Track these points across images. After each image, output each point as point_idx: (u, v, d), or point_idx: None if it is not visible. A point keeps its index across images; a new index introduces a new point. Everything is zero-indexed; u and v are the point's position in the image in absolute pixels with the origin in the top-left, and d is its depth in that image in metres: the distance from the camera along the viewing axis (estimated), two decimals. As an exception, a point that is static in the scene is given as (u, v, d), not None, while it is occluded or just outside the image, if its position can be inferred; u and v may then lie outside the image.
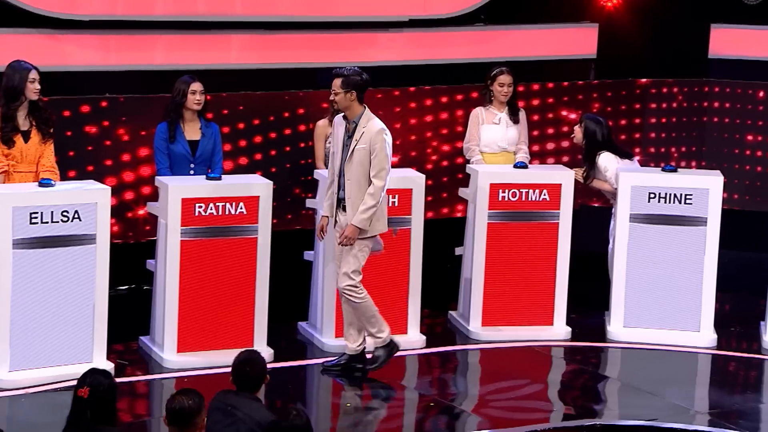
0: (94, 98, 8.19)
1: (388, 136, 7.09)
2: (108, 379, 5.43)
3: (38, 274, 6.99)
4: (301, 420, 5.34)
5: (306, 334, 8.06)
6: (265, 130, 8.73)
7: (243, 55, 8.76)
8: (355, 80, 7.03)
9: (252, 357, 5.75)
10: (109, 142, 8.27)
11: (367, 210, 7.01)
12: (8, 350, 6.97)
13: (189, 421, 5.16)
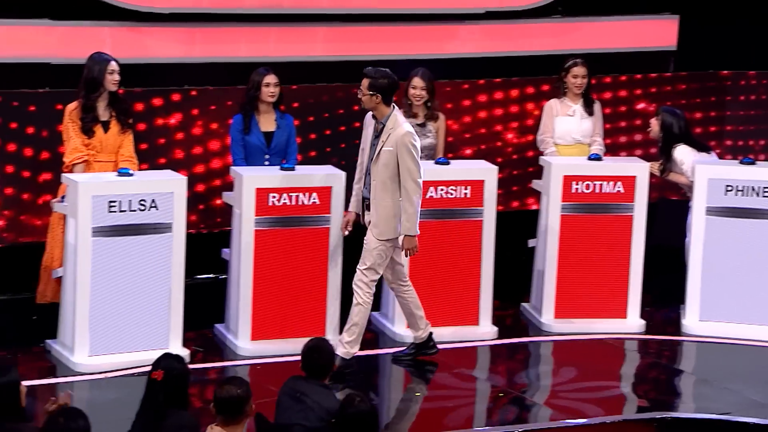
0: (171, 90, 8.30)
1: (414, 138, 7.03)
2: (181, 363, 5.54)
3: (116, 262, 7.14)
4: (366, 406, 5.40)
5: (378, 324, 8.11)
6: (336, 123, 8.79)
7: (319, 47, 8.82)
8: (381, 84, 7.01)
9: (320, 345, 5.82)
10: (194, 132, 8.39)
11: (411, 216, 7.03)
12: (88, 335, 7.13)
13: (239, 409, 5.23)
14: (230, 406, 5.22)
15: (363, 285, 7.10)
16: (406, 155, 6.98)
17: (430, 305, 7.87)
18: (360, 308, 7.11)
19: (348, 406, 5.40)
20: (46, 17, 8.02)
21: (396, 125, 7.02)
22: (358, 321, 7.13)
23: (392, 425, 6.89)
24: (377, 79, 7.00)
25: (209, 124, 8.42)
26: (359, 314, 7.12)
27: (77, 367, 7.12)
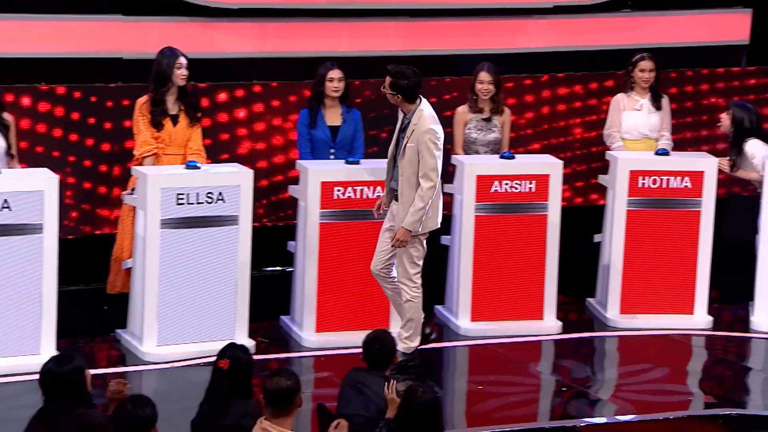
0: (238, 85, 8.35)
1: (435, 136, 6.91)
2: (246, 354, 5.62)
3: (184, 253, 7.23)
4: (429, 396, 5.41)
5: (442, 317, 8.13)
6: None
7: (389, 42, 8.84)
8: (401, 84, 6.93)
9: (380, 336, 5.86)
10: (260, 126, 8.47)
11: (417, 212, 6.90)
12: (156, 325, 7.24)
13: (288, 401, 5.27)
14: (279, 397, 5.26)
15: (407, 281, 7.05)
16: (425, 152, 6.88)
17: (495, 299, 7.89)
18: (411, 304, 7.07)
19: (411, 396, 5.42)
20: (118, 13, 8.15)
21: (420, 121, 6.94)
22: (412, 316, 7.10)
23: (454, 418, 6.91)
24: (398, 79, 6.94)
25: (275, 119, 8.49)
26: (411, 310, 7.07)
27: (146, 357, 7.23)
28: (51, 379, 5.22)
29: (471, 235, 7.82)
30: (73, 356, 5.32)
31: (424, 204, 6.89)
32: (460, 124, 8.24)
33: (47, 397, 5.24)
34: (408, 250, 7.00)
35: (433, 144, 6.88)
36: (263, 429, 5.26)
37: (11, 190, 6.87)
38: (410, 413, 5.40)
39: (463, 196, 7.81)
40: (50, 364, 5.27)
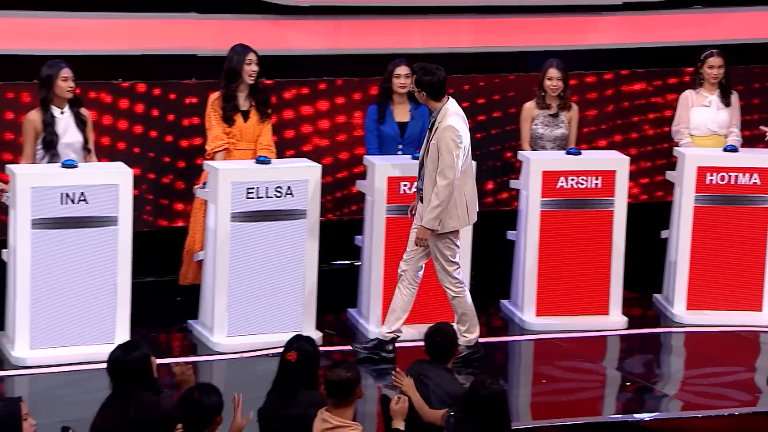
0: (305, 82, 8.43)
1: (455, 133, 6.84)
2: (312, 345, 5.68)
3: (254, 246, 7.31)
4: (493, 389, 5.43)
5: (507, 312, 8.14)
6: (475, 113, 8.83)
7: (462, 39, 8.86)
8: (425, 81, 6.90)
9: (441, 328, 5.89)
10: (330, 122, 8.53)
11: (433, 209, 6.84)
12: (227, 317, 7.34)
13: (349, 392, 5.31)
14: (340, 388, 5.32)
15: (449, 279, 7.04)
16: (443, 149, 6.83)
17: (560, 294, 7.88)
18: (458, 300, 7.08)
19: (478, 387, 5.45)
20: (193, 11, 8.27)
21: (444, 119, 6.90)
22: (464, 310, 7.11)
23: (519, 411, 6.92)
24: (421, 76, 6.91)
25: (340, 116, 8.55)
26: (460, 305, 7.07)
27: (216, 347, 7.33)
28: (118, 366, 5.34)
29: (537, 230, 7.82)
30: (139, 343, 5.43)
31: (440, 201, 6.83)
32: (527, 120, 8.25)
33: (115, 384, 5.35)
34: (442, 251, 6.98)
35: (452, 141, 6.82)
36: (324, 420, 5.33)
37: (88, 184, 7.01)
38: (477, 404, 5.42)
39: (529, 191, 7.82)
40: (117, 351, 5.39)
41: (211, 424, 5.19)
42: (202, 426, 5.17)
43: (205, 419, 5.17)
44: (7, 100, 7.78)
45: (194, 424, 5.16)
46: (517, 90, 8.77)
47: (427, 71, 6.92)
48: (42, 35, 7.85)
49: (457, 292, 7.08)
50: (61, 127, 7.30)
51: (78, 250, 7.02)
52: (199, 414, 5.16)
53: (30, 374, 6.91)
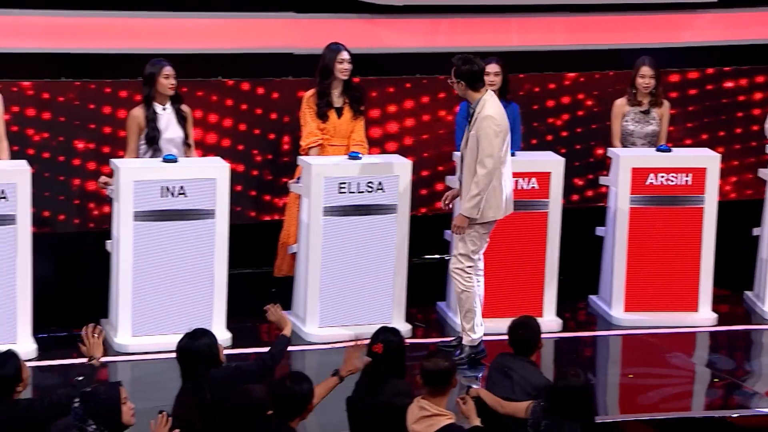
0: (390, 80, 8.46)
1: (495, 122, 6.78)
2: (397, 336, 5.76)
3: (345, 240, 7.40)
4: (578, 381, 5.45)
5: (595, 307, 8.11)
6: (563, 111, 8.80)
7: (557, 37, 8.84)
8: (464, 70, 6.83)
9: (525, 322, 5.91)
10: (411, 120, 8.57)
11: (472, 198, 6.77)
12: (318, 308, 7.45)
13: (445, 380, 5.37)
14: (437, 377, 5.39)
15: (460, 272, 6.96)
16: (482, 138, 6.78)
17: (649, 290, 7.83)
18: (466, 294, 6.97)
19: (565, 379, 5.47)
20: (291, 11, 8.39)
21: (482, 110, 6.84)
22: (470, 307, 7.00)
23: (607, 405, 6.91)
24: (460, 66, 6.85)
25: (425, 114, 8.57)
26: (468, 301, 6.97)
27: (308, 337, 7.44)
28: (186, 354, 5.48)
29: (626, 226, 7.78)
30: (206, 331, 5.58)
31: (479, 190, 6.78)
32: (617, 117, 8.20)
33: (185, 372, 5.50)
34: (466, 243, 6.92)
35: (491, 130, 6.77)
36: (420, 407, 5.40)
37: (187, 178, 7.17)
38: (563, 395, 5.44)
39: (619, 188, 7.78)
40: (185, 339, 5.55)
41: (303, 411, 5.29)
42: (294, 413, 5.28)
43: (297, 407, 5.27)
44: (112, 97, 8.00)
45: (286, 411, 5.27)
46: (613, 86, 8.71)
47: (466, 61, 6.89)
48: (145, 35, 8.03)
49: (466, 287, 6.98)
50: (163, 123, 7.47)
51: (177, 242, 7.18)
52: (291, 401, 5.26)
53: (131, 360, 7.11)
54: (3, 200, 6.81)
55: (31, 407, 5.22)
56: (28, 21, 7.78)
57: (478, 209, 6.83)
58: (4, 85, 7.58)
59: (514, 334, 5.88)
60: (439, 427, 5.31)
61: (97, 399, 4.93)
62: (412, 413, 5.42)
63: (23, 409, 5.20)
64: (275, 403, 5.30)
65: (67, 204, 7.97)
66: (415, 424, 5.39)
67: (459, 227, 6.90)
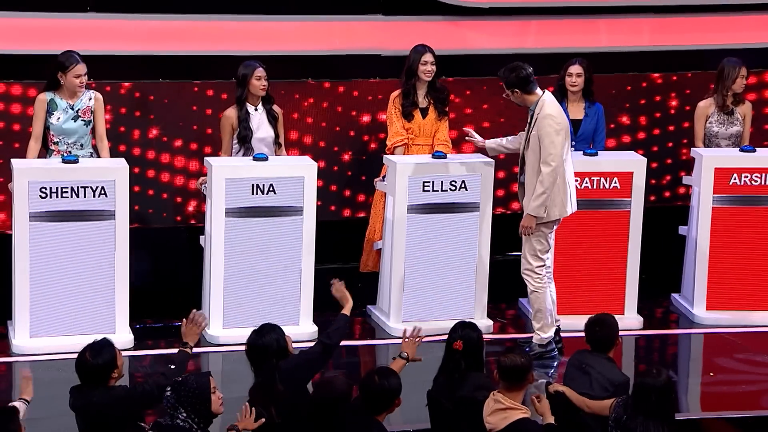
0: (481, 80, 8.47)
1: (555, 121, 6.76)
2: (476, 331, 5.81)
3: (429, 237, 7.46)
4: (660, 379, 5.45)
5: (677, 305, 8.05)
6: (650, 110, 8.75)
7: (645, 38, 8.80)
8: (512, 79, 6.82)
9: (603, 319, 5.92)
10: (503, 119, 8.62)
11: (539, 197, 6.77)
12: (402, 303, 7.49)
13: (522, 376, 5.40)
14: (514, 373, 5.44)
15: (530, 272, 6.98)
16: (544, 137, 6.76)
17: (732, 289, 7.77)
18: (536, 295, 6.98)
19: (648, 377, 5.49)
20: (378, 13, 8.47)
21: (542, 110, 6.82)
22: (540, 306, 7.01)
23: (689, 402, 6.88)
24: (509, 76, 6.85)
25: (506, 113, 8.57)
26: (537, 300, 6.96)
27: (392, 332, 7.51)
28: (255, 350, 5.60)
29: (708, 225, 7.72)
30: (273, 326, 5.68)
31: (545, 188, 6.78)
32: (700, 118, 8.12)
33: (255, 366, 5.61)
34: (532, 243, 6.93)
35: (552, 129, 6.76)
36: (496, 400, 5.45)
37: (277, 176, 7.30)
38: (646, 393, 5.44)
39: (702, 187, 7.73)
40: (253, 336, 5.65)
41: (391, 405, 5.37)
42: (382, 408, 5.36)
43: (385, 401, 5.35)
44: (207, 98, 8.17)
45: (374, 406, 5.36)
46: (693, 88, 8.65)
47: (512, 69, 6.89)
48: (238, 37, 8.18)
49: (536, 287, 6.99)
50: (255, 122, 7.61)
51: (267, 238, 7.31)
52: (380, 397, 5.34)
53: (221, 351, 7.25)
54: (103, 197, 7.02)
55: (127, 394, 5.38)
56: (128, 24, 7.97)
57: (544, 208, 6.85)
58: (102, 85, 7.78)
59: (591, 332, 5.89)
60: (512, 421, 5.35)
61: (188, 388, 5.06)
62: (487, 406, 5.48)
63: (119, 396, 5.35)
64: (364, 399, 5.38)
65: (165, 201, 8.16)
66: (490, 416, 5.45)
67: (527, 227, 6.93)
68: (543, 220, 6.91)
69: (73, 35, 7.78)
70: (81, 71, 7.21)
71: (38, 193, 6.93)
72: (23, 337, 7.04)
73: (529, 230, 6.93)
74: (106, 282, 7.09)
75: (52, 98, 7.28)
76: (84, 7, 7.92)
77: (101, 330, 6.96)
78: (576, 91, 7.92)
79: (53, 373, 6.70)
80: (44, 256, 6.99)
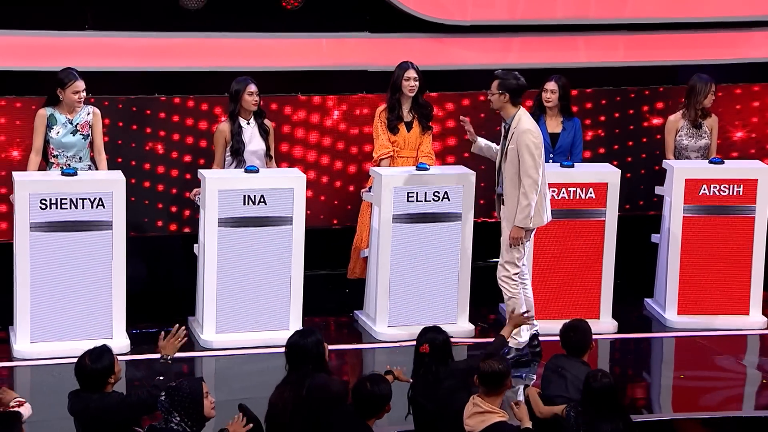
0: (464, 94, 8.52)
1: (534, 134, 6.82)
2: (441, 334, 5.84)
3: (414, 245, 7.50)
4: (607, 381, 5.52)
5: (651, 310, 8.11)
6: (624, 123, 8.81)
7: (613, 53, 8.85)
8: (510, 84, 6.85)
9: (576, 325, 5.97)
10: (483, 132, 8.59)
11: (524, 209, 6.82)
12: (388, 308, 7.53)
13: (499, 382, 5.45)
14: (493, 379, 5.48)
15: (507, 279, 7.02)
16: (524, 152, 6.81)
17: (702, 294, 7.82)
18: (513, 300, 7.01)
19: (591, 381, 5.54)
20: (365, 30, 8.48)
21: (519, 124, 6.87)
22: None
23: (661, 404, 6.92)
24: (507, 79, 6.88)
25: (498, 125, 8.61)
26: (514, 306, 6.98)
27: (378, 336, 7.54)
28: (295, 350, 5.62)
29: (679, 234, 7.79)
30: (314, 330, 5.71)
31: (529, 200, 6.83)
32: (671, 131, 8.19)
33: (291, 366, 5.63)
34: (512, 252, 6.97)
35: (531, 143, 6.81)
36: (475, 404, 5.50)
37: (267, 187, 7.33)
38: (591, 396, 5.51)
39: (673, 198, 7.79)
40: (295, 336, 5.68)
41: (381, 411, 5.40)
42: (373, 413, 5.39)
43: (376, 407, 5.38)
44: (201, 112, 8.20)
45: (366, 411, 5.39)
46: (666, 101, 8.71)
47: (514, 76, 6.93)
48: (231, 54, 8.20)
49: (513, 293, 7.02)
50: (247, 136, 7.64)
51: (258, 247, 7.34)
52: (370, 402, 5.37)
53: (215, 356, 7.27)
54: (101, 208, 7.05)
55: (122, 401, 5.39)
56: (126, 42, 8.00)
57: (530, 219, 6.91)
58: (101, 100, 7.82)
59: (566, 337, 5.94)
60: (490, 423, 5.40)
61: (182, 393, 5.08)
62: (467, 409, 5.52)
63: (115, 403, 5.37)
64: (355, 403, 5.40)
65: (160, 210, 8.18)
66: (469, 419, 5.49)
67: (517, 238, 6.98)
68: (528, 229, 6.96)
69: (72, 52, 7.81)
70: (79, 87, 7.25)
71: (38, 205, 6.96)
72: (24, 342, 7.06)
73: (519, 241, 6.99)
74: (104, 289, 7.11)
75: (51, 113, 7.31)
76: (83, 26, 7.96)
77: (99, 335, 7.01)
78: (551, 107, 7.98)
79: (52, 378, 6.73)
80: (44, 265, 7.01)
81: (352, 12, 8.40)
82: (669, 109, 8.52)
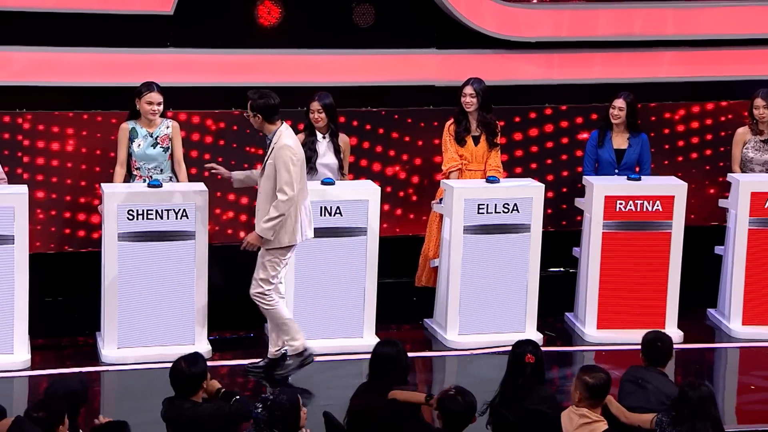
0: (532, 108, 8.36)
1: (292, 151, 6.54)
2: (539, 351, 5.67)
3: (483, 256, 7.34)
4: (706, 389, 5.29)
5: (713, 320, 7.87)
6: (688, 136, 8.57)
7: (670, 69, 8.63)
8: (259, 104, 6.54)
9: (662, 336, 5.76)
10: (551, 144, 8.45)
11: (270, 221, 6.50)
12: (458, 317, 7.37)
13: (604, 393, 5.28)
14: (602, 390, 5.36)
15: (261, 295, 6.68)
16: (281, 167, 6.52)
17: (759, 304, 7.59)
18: (272, 311, 6.67)
19: (688, 389, 5.33)
20: (433, 47, 8.32)
21: (279, 140, 6.58)
22: (281, 321, 6.71)
23: (726, 414, 6.68)
24: (255, 100, 6.58)
25: (564, 137, 8.41)
26: (277, 316, 6.68)
27: (449, 344, 7.39)
28: (378, 358, 5.49)
29: (744, 246, 7.57)
30: (396, 341, 5.62)
31: (278, 214, 6.51)
32: (738, 144, 7.96)
33: (372, 374, 5.49)
34: (266, 266, 6.65)
35: (289, 159, 6.53)
36: (582, 415, 5.35)
37: (343, 199, 7.20)
38: (687, 405, 5.29)
39: (738, 210, 7.58)
40: (380, 347, 5.58)
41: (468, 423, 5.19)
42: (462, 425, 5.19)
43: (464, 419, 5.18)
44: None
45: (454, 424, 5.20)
46: (728, 116, 8.47)
47: (262, 95, 6.62)
48: (305, 69, 8.06)
49: (270, 306, 6.69)
50: (322, 148, 7.48)
51: (334, 257, 7.22)
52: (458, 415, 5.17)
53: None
54: (184, 218, 6.93)
55: (214, 413, 5.26)
56: (206, 59, 7.89)
57: (273, 231, 6.58)
58: (179, 114, 7.70)
59: (653, 347, 5.73)
60: (602, 431, 5.26)
61: (281, 406, 4.92)
62: (570, 421, 5.35)
63: (209, 413, 5.25)
64: (443, 416, 5.22)
65: (234, 220, 8.04)
66: (576, 430, 5.33)
67: (250, 243, 6.66)
68: (273, 246, 6.64)
69: (153, 68, 7.70)
70: (154, 99, 7.14)
71: (126, 215, 6.88)
72: (111, 347, 6.97)
73: (252, 247, 6.66)
74: (187, 297, 7.00)
75: (133, 126, 7.23)
76: (165, 43, 7.85)
77: (182, 341, 6.92)
78: (618, 123, 7.77)
79: (142, 383, 6.62)
80: (130, 273, 6.93)
81: (420, 29, 8.23)
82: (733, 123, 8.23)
